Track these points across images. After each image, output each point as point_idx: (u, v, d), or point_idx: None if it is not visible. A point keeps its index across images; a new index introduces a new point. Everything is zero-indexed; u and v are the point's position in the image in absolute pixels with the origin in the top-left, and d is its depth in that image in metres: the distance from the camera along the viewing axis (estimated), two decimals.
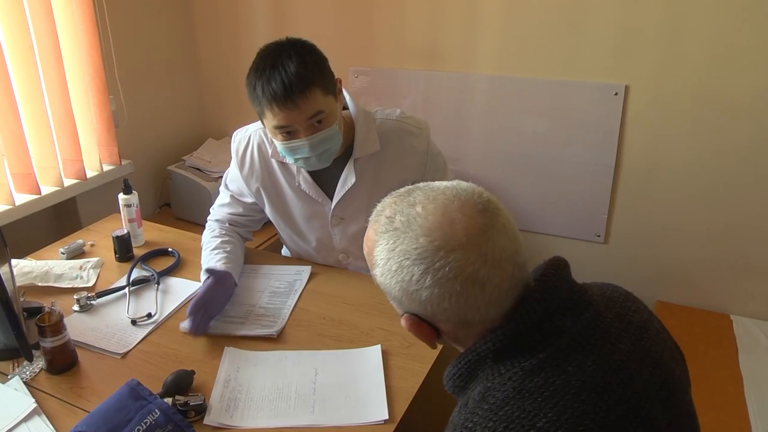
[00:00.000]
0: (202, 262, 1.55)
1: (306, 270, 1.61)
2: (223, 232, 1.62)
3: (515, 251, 0.75)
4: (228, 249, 1.56)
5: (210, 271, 1.45)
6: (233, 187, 1.63)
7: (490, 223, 0.74)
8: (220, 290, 1.44)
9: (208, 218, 1.69)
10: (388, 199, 0.82)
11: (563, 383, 0.69)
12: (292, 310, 1.46)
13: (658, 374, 0.76)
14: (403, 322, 0.80)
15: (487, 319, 0.75)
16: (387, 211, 0.79)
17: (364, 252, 0.84)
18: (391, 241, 0.76)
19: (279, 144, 1.38)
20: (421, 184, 0.83)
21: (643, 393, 0.72)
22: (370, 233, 0.81)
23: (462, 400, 0.78)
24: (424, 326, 0.78)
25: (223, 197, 1.66)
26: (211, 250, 1.55)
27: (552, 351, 0.72)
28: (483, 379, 0.75)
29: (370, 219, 0.84)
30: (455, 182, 0.80)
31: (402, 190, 0.83)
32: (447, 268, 0.71)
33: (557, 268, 0.78)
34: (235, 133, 1.60)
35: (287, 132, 1.34)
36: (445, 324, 0.77)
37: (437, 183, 0.81)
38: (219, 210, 1.67)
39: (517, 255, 0.75)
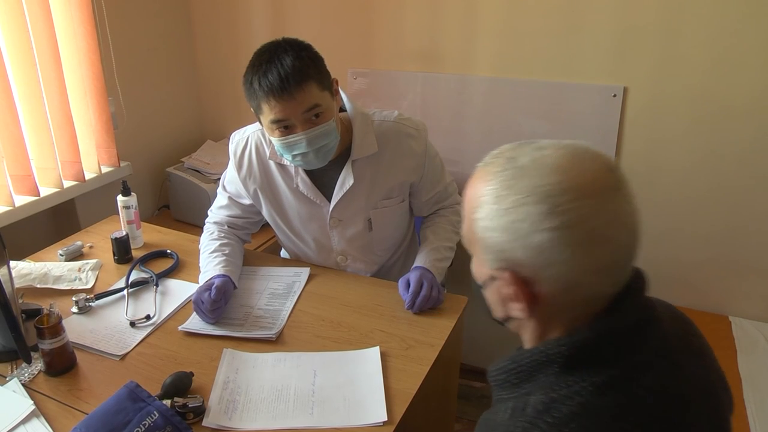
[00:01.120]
0: (200, 265, 1.55)
1: (305, 271, 1.61)
2: (222, 234, 1.62)
3: (638, 228, 0.69)
4: (227, 252, 1.56)
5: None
6: (231, 188, 1.63)
7: (622, 183, 0.70)
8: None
9: (206, 221, 1.69)
10: (505, 146, 0.75)
11: (630, 404, 0.67)
12: (291, 312, 1.46)
13: (713, 404, 0.75)
14: (504, 275, 0.70)
15: (593, 294, 0.70)
16: (507, 153, 0.73)
17: (465, 198, 0.75)
18: (512, 178, 0.69)
19: (276, 141, 1.38)
20: (533, 141, 0.75)
21: (698, 423, 0.71)
22: (479, 175, 0.74)
23: (515, 403, 0.73)
24: (524, 287, 0.70)
25: (220, 199, 1.66)
26: (209, 254, 1.55)
27: (623, 369, 0.69)
28: (545, 385, 0.71)
29: (480, 164, 0.76)
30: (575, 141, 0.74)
31: (517, 142, 0.76)
32: (573, 213, 0.65)
33: (641, 279, 0.74)
34: (233, 134, 1.60)
35: (284, 127, 1.35)
36: (549, 284, 0.69)
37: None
38: (217, 212, 1.67)
39: (639, 234, 0.69)
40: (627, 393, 0.67)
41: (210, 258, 1.53)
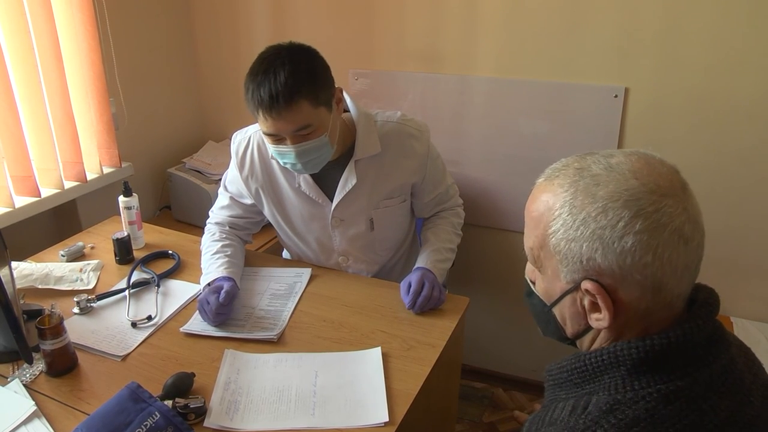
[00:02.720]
0: (202, 266, 1.55)
1: (306, 272, 1.61)
2: (224, 235, 1.62)
3: (704, 226, 0.72)
4: (229, 253, 1.56)
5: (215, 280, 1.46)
6: (232, 188, 1.63)
7: (687, 184, 0.71)
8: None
9: (207, 221, 1.69)
10: (566, 159, 0.75)
11: (696, 420, 0.66)
12: (292, 313, 1.46)
13: None
14: (587, 285, 0.70)
15: (673, 296, 0.70)
16: (575, 164, 0.73)
17: (532, 213, 0.75)
18: (591, 186, 0.69)
19: (269, 145, 1.40)
20: (596, 152, 0.75)
21: None
22: (544, 188, 0.74)
23: (575, 402, 0.72)
24: (608, 295, 0.70)
25: (222, 199, 1.66)
26: (212, 255, 1.55)
27: (690, 382, 0.68)
28: (610, 387, 0.71)
29: (540, 179, 0.76)
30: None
31: (576, 155, 0.76)
32: (660, 213, 0.66)
33: (715, 298, 0.75)
34: (234, 134, 1.60)
35: (276, 138, 1.36)
36: (634, 288, 0.69)
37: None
38: (218, 213, 1.67)
39: (704, 232, 0.71)
40: (692, 407, 0.67)
41: (212, 259, 1.53)
